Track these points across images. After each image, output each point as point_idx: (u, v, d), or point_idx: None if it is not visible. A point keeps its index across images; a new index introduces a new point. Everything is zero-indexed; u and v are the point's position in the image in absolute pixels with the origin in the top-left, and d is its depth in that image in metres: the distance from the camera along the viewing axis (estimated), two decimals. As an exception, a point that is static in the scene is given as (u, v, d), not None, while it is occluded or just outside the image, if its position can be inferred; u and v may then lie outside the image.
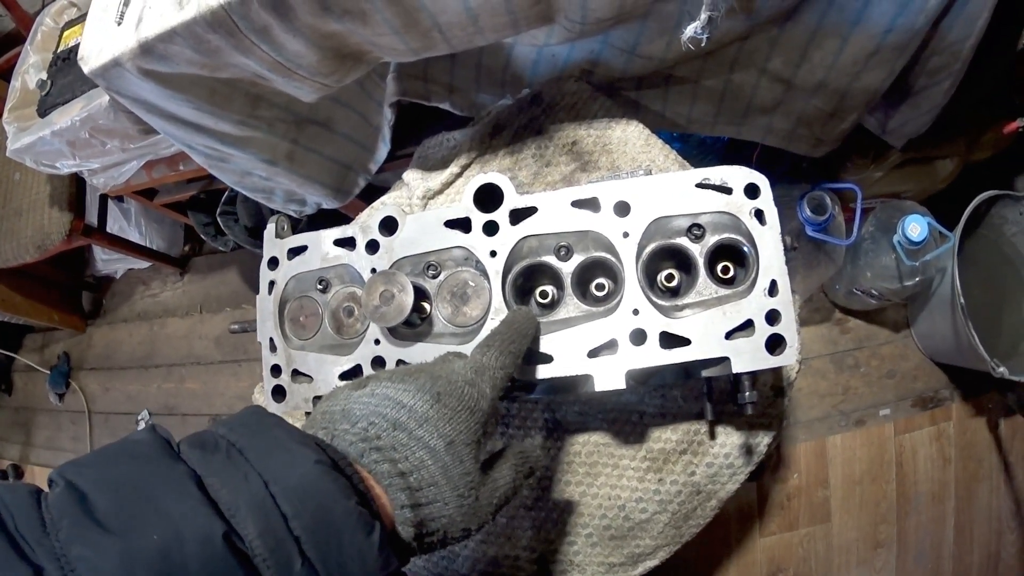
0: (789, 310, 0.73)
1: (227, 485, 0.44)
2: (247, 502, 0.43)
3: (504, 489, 0.63)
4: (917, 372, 2.06)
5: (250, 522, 0.42)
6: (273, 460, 0.47)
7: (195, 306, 2.86)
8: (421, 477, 0.54)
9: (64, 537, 0.38)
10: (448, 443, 0.56)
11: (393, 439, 0.55)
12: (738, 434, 0.93)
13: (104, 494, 0.41)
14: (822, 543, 2.01)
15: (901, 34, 1.06)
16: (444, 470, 0.55)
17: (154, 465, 0.45)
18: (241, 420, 0.53)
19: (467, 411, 0.60)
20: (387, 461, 0.53)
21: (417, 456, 0.55)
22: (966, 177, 1.77)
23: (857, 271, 1.81)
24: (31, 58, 1.79)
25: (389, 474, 0.53)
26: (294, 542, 0.43)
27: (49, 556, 0.38)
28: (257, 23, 0.86)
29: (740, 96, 1.24)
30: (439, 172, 1.16)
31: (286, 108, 1.18)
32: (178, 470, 0.45)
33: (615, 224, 0.78)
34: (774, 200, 0.76)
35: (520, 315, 0.75)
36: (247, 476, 0.45)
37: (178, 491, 0.43)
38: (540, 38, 1.07)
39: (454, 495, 0.55)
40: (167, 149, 1.64)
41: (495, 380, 0.65)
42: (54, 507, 0.41)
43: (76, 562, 0.37)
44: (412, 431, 0.56)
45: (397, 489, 0.52)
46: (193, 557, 0.39)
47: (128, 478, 0.43)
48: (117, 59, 0.94)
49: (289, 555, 0.43)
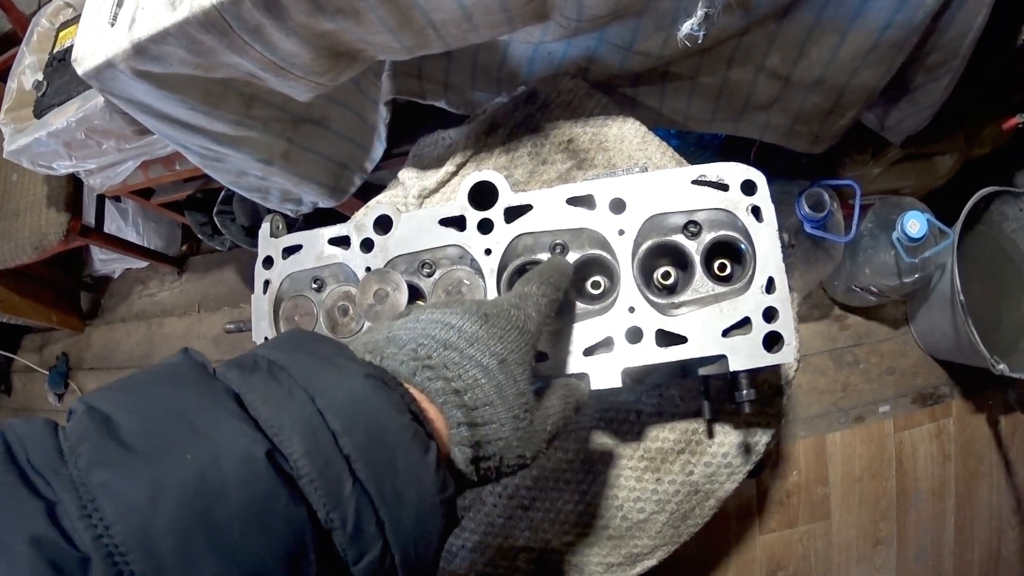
0: (787, 307, 0.72)
1: (269, 402, 0.41)
2: (292, 418, 0.40)
3: (555, 418, 0.61)
4: (917, 369, 2.06)
5: (296, 439, 0.39)
6: (320, 375, 0.44)
7: (193, 305, 2.86)
8: (476, 396, 0.51)
9: (84, 464, 0.34)
10: (500, 361, 0.54)
11: (444, 358, 0.52)
12: (736, 433, 0.92)
13: (130, 415, 0.38)
14: (822, 540, 2.00)
15: (900, 30, 1.06)
16: (498, 389, 0.53)
17: (187, 384, 0.41)
18: (283, 340, 0.50)
19: (516, 331, 0.58)
20: (440, 379, 0.50)
21: (471, 374, 0.52)
22: (965, 173, 1.77)
23: (856, 268, 1.81)
24: (27, 59, 1.80)
25: (443, 391, 0.50)
26: (344, 461, 0.40)
27: (66, 486, 0.34)
28: (250, 23, 0.86)
29: (738, 93, 1.24)
30: (435, 170, 1.16)
31: (281, 107, 1.18)
32: (215, 387, 0.41)
33: (611, 221, 0.78)
34: (772, 197, 0.76)
35: (555, 259, 0.75)
36: (291, 391, 0.42)
37: (214, 409, 0.39)
38: (536, 35, 1.07)
39: (509, 415, 0.53)
40: (163, 149, 1.64)
41: (539, 305, 0.64)
42: (73, 433, 0.37)
43: (97, 490, 0.33)
44: (463, 350, 0.53)
45: (453, 406, 0.50)
46: (232, 479, 0.35)
47: (157, 398, 0.40)
48: (111, 60, 0.94)
49: (339, 475, 0.39)
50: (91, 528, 0.32)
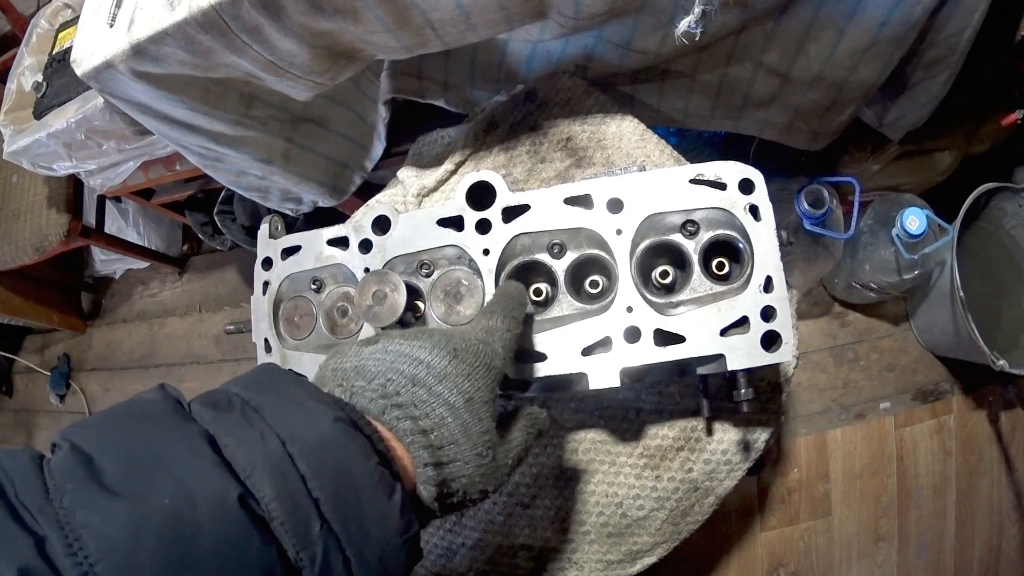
0: (785, 306, 0.72)
1: (242, 445, 0.42)
2: (264, 462, 0.41)
3: (517, 450, 0.63)
4: (917, 365, 2.06)
5: (267, 483, 0.40)
6: (290, 418, 0.45)
7: (194, 305, 2.86)
8: (442, 435, 0.53)
9: (68, 503, 0.36)
10: (467, 400, 0.55)
11: (413, 395, 0.53)
12: (735, 430, 0.92)
13: (111, 456, 0.39)
14: (823, 537, 2.00)
15: (897, 26, 1.06)
16: (464, 428, 0.54)
17: (164, 425, 0.43)
18: (255, 377, 0.51)
19: (484, 367, 0.59)
20: (408, 418, 0.52)
21: (437, 413, 0.53)
22: (965, 170, 1.76)
23: (856, 264, 1.81)
24: (26, 60, 1.80)
25: (411, 431, 0.51)
26: (312, 504, 0.42)
27: (52, 524, 0.35)
28: (248, 23, 0.86)
29: (736, 90, 1.24)
30: (434, 169, 1.16)
31: (280, 107, 1.18)
32: (190, 430, 0.43)
33: (608, 221, 0.78)
34: (771, 194, 0.76)
35: (510, 286, 0.75)
36: (263, 435, 0.43)
37: (190, 452, 0.41)
38: (534, 34, 1.07)
39: (473, 453, 0.54)
40: (163, 149, 1.64)
41: (505, 340, 0.65)
42: (57, 472, 0.38)
43: (80, 529, 0.35)
44: (431, 387, 0.54)
45: (419, 447, 0.51)
46: (206, 521, 0.37)
47: (136, 439, 0.41)
48: (109, 61, 0.94)
49: (308, 518, 0.41)
50: (77, 565, 0.34)
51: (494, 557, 0.99)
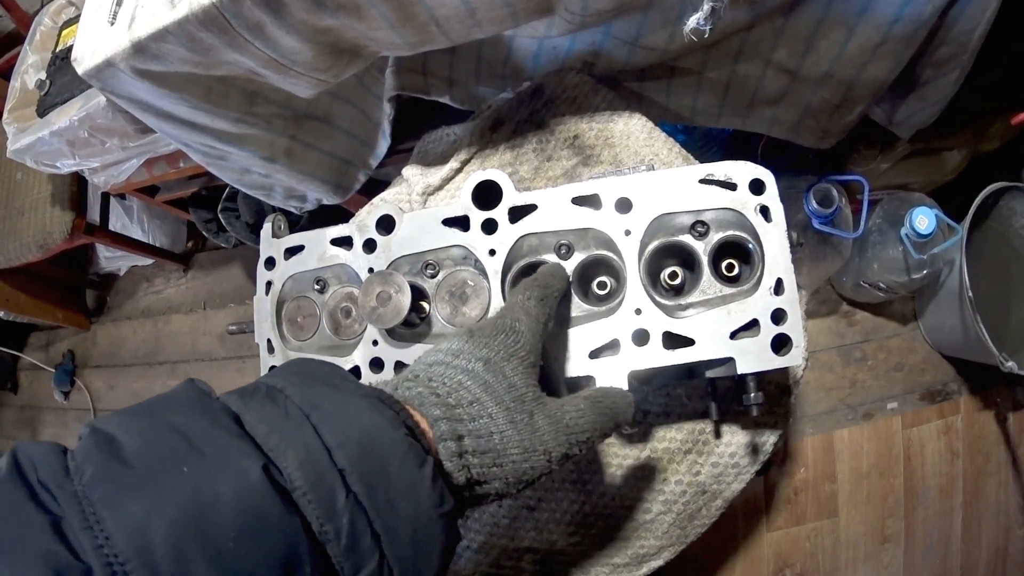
0: (795, 309, 0.71)
1: (265, 421, 0.42)
2: (287, 435, 0.41)
3: (576, 420, 0.57)
4: (925, 365, 2.05)
5: (290, 454, 0.40)
6: (315, 393, 0.45)
7: (199, 302, 2.86)
8: (460, 396, 0.51)
9: (87, 480, 0.36)
10: (485, 362, 0.54)
11: (430, 372, 0.53)
12: (744, 433, 0.91)
13: (132, 436, 0.39)
14: (829, 538, 2.00)
15: (908, 24, 1.04)
16: (485, 386, 0.52)
17: (188, 407, 0.42)
18: (282, 367, 0.51)
19: (502, 334, 0.58)
20: (421, 386, 0.51)
21: (455, 379, 0.52)
22: (974, 168, 1.76)
23: (864, 264, 1.80)
24: (30, 58, 1.80)
25: (423, 396, 0.50)
26: (338, 474, 0.41)
27: (70, 501, 0.35)
28: (250, 20, 0.85)
29: (745, 88, 1.23)
30: (439, 167, 1.15)
31: (284, 104, 1.17)
32: (213, 407, 0.42)
33: (617, 221, 0.76)
34: (780, 192, 0.75)
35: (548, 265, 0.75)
36: (288, 411, 0.43)
37: (212, 427, 0.40)
38: (540, 30, 1.05)
39: (500, 408, 0.51)
40: (166, 147, 1.64)
41: (527, 307, 0.63)
42: (79, 453, 0.38)
43: (99, 504, 0.35)
44: (449, 363, 0.54)
45: (431, 405, 0.49)
46: (227, 491, 0.36)
47: (159, 419, 0.41)
48: (110, 59, 0.93)
49: (332, 488, 0.40)
50: (93, 539, 0.34)
51: (499, 560, 0.98)
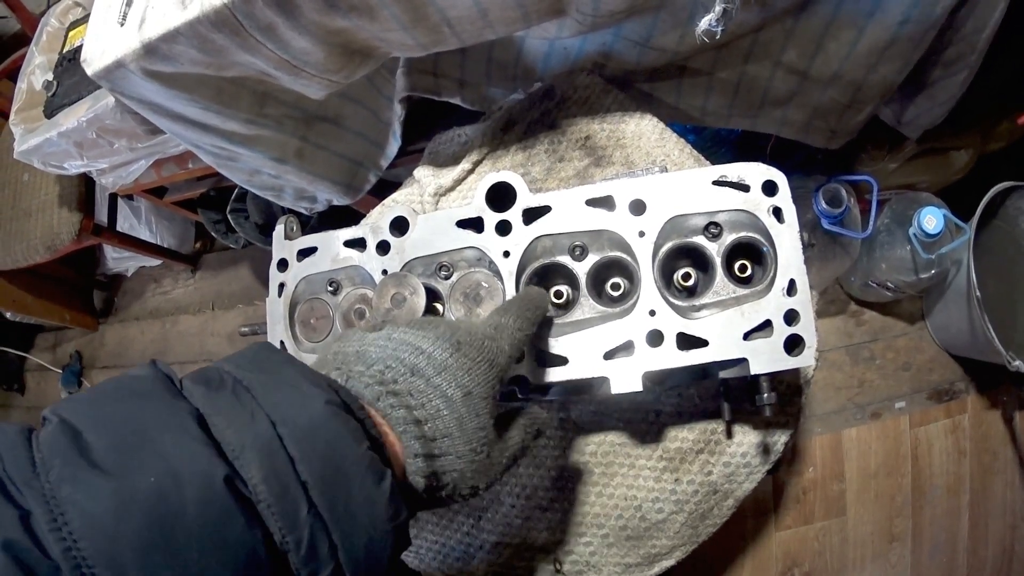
0: (808, 310, 0.71)
1: (232, 425, 0.42)
2: (252, 443, 0.41)
3: (513, 449, 0.62)
4: (932, 365, 2.05)
5: (255, 465, 0.40)
6: (282, 399, 0.45)
7: (207, 303, 2.86)
8: (436, 427, 0.52)
9: (55, 478, 0.36)
10: (465, 394, 0.55)
11: (410, 385, 0.53)
12: (755, 433, 0.92)
13: (99, 432, 0.39)
14: (837, 537, 2.00)
15: (917, 25, 1.05)
16: (459, 422, 0.54)
17: (155, 402, 0.43)
18: (249, 356, 0.51)
19: (486, 363, 0.58)
20: (403, 407, 0.52)
21: (434, 405, 0.53)
22: (982, 168, 1.76)
23: (872, 263, 1.80)
24: (37, 59, 1.80)
25: (404, 420, 0.51)
26: (301, 487, 0.41)
27: (38, 498, 0.36)
28: (262, 21, 0.85)
29: (755, 88, 1.23)
30: (451, 168, 1.15)
31: (294, 105, 1.17)
32: (179, 407, 0.43)
33: (630, 223, 0.77)
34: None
35: (532, 290, 0.75)
36: (254, 415, 0.43)
37: (178, 430, 0.41)
38: (552, 31, 1.06)
39: (467, 449, 0.54)
40: (175, 148, 1.64)
41: (514, 338, 0.64)
42: (45, 446, 0.38)
43: (65, 504, 0.35)
44: (430, 378, 0.54)
45: (411, 437, 0.51)
46: (191, 500, 0.37)
47: (126, 416, 0.41)
48: (120, 60, 0.93)
49: (296, 501, 0.41)
50: (61, 540, 0.34)
51: (511, 560, 0.98)
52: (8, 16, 2.58)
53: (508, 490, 0.98)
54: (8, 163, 2.36)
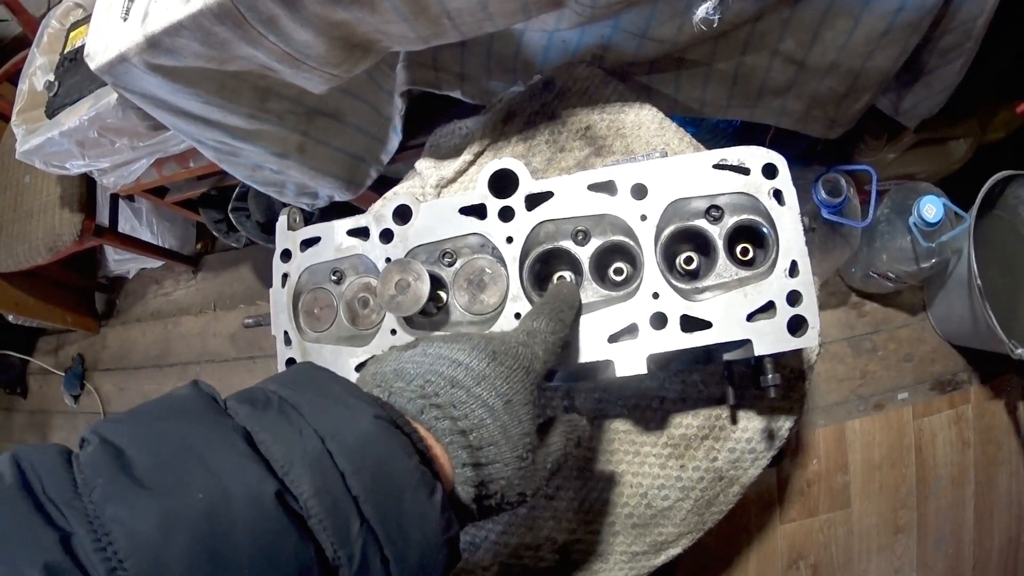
0: (810, 291, 0.72)
1: (280, 441, 0.42)
2: (302, 458, 0.41)
3: (556, 455, 0.63)
4: (935, 355, 2.05)
5: (305, 479, 0.40)
6: (329, 415, 0.45)
7: (209, 304, 2.87)
8: (481, 436, 0.53)
9: (98, 497, 0.36)
10: (506, 402, 0.55)
11: (451, 396, 0.54)
12: (760, 418, 0.92)
13: (143, 450, 0.39)
14: (842, 529, 2.00)
15: (913, 13, 1.06)
16: (503, 430, 0.54)
17: (198, 420, 0.43)
18: (293, 375, 0.51)
19: (523, 370, 0.59)
20: (447, 418, 0.52)
21: (477, 414, 0.53)
22: (981, 157, 1.76)
23: (873, 254, 1.81)
24: (38, 60, 1.81)
25: (450, 431, 0.51)
26: (352, 501, 0.41)
27: (80, 519, 0.35)
28: (264, 13, 0.86)
29: (753, 78, 1.23)
30: (452, 160, 1.16)
31: (296, 100, 1.18)
32: (225, 425, 0.42)
33: (632, 207, 0.77)
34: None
35: (564, 287, 0.76)
36: (302, 432, 0.43)
37: (225, 447, 0.40)
38: (550, 23, 1.06)
39: (513, 456, 0.54)
40: (177, 146, 1.64)
41: (547, 343, 0.64)
42: (87, 466, 0.38)
43: (111, 524, 0.35)
44: (470, 388, 0.54)
45: (458, 447, 0.51)
46: (241, 517, 0.37)
47: (169, 434, 0.41)
48: (124, 54, 0.94)
49: (347, 515, 0.41)
50: (106, 561, 0.34)
51: (518, 550, 0.99)
52: (9, 19, 2.59)
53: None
54: (9, 165, 2.37)
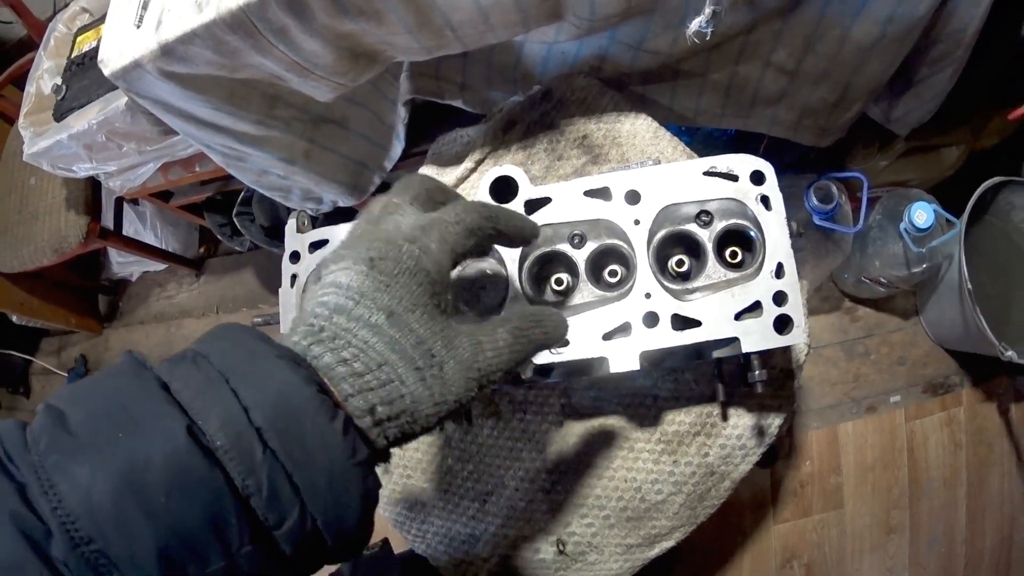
0: (796, 291, 0.75)
1: (189, 387, 0.44)
2: (208, 398, 0.44)
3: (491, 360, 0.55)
4: (927, 359, 2.08)
5: (212, 416, 0.42)
6: (235, 360, 0.46)
7: (211, 307, 2.89)
8: (369, 359, 0.50)
9: (42, 450, 0.40)
10: (389, 314, 0.51)
11: (334, 327, 0.51)
12: (750, 416, 0.95)
13: (77, 407, 0.43)
14: (835, 529, 2.03)
15: (902, 23, 1.08)
16: (391, 344, 0.50)
17: (124, 377, 0.46)
18: (211, 333, 0.51)
19: (405, 274, 0.53)
20: (328, 352, 0.50)
21: (360, 337, 0.50)
22: (974, 164, 1.79)
23: (865, 260, 1.84)
24: (45, 63, 1.83)
25: (329, 367, 0.49)
26: (255, 432, 0.43)
27: (30, 471, 0.39)
28: (275, 24, 0.89)
29: (746, 88, 1.26)
30: (454, 167, 1.19)
31: (302, 108, 1.21)
32: (146, 377, 0.45)
33: (626, 212, 0.80)
34: (782, 190, 0.79)
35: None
36: (208, 376, 0.45)
37: (144, 395, 0.44)
38: (550, 35, 1.09)
39: (410, 369, 0.50)
40: (183, 151, 1.68)
41: (445, 233, 0.57)
42: (35, 427, 0.42)
43: (51, 470, 0.39)
44: (350, 311, 0.51)
45: (340, 379, 0.49)
46: (157, 451, 0.40)
47: (98, 392, 0.44)
48: (138, 61, 0.97)
49: (250, 444, 0.42)
50: (48, 503, 0.38)
51: (516, 542, 1.02)
52: (13, 22, 2.62)
53: (512, 474, 1.02)
54: (14, 167, 2.40)
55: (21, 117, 1.77)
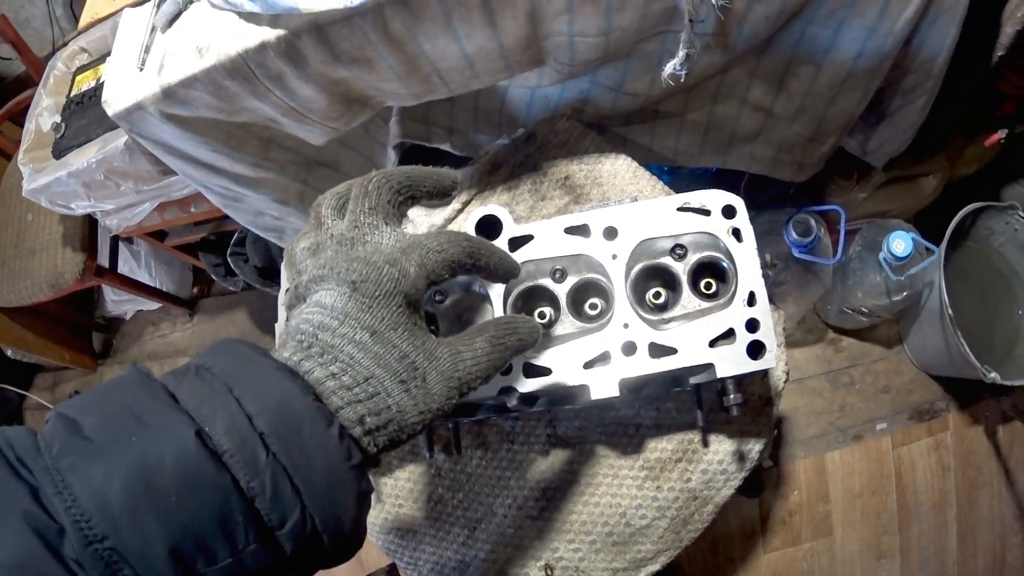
0: (767, 318, 0.78)
1: (195, 396, 0.47)
2: (213, 406, 0.46)
3: (468, 365, 0.60)
4: (912, 386, 2.11)
5: (218, 422, 0.45)
6: (238, 371, 0.49)
7: (205, 346, 2.87)
8: (356, 373, 0.53)
9: (56, 454, 0.43)
10: (372, 333, 0.54)
11: (321, 344, 0.54)
12: (730, 442, 0.98)
13: (89, 414, 0.45)
14: (826, 556, 2.04)
15: (872, 58, 1.12)
16: (377, 359, 0.54)
17: (133, 386, 0.48)
18: (212, 348, 0.54)
19: (384, 296, 0.56)
20: (318, 367, 0.53)
21: (346, 352, 0.53)
22: (954, 192, 1.83)
23: (847, 290, 1.86)
24: (44, 101, 1.86)
25: (321, 380, 0.52)
26: (258, 437, 0.46)
27: (43, 473, 0.42)
28: (272, 70, 0.93)
29: (723, 127, 1.30)
30: (442, 209, 1.22)
31: (296, 151, 1.25)
32: (153, 386, 0.48)
33: (604, 247, 0.84)
34: (763, 225, 0.83)
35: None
36: (213, 386, 0.48)
37: (154, 403, 0.46)
38: (532, 80, 1.14)
39: (395, 382, 0.54)
40: (179, 191, 1.70)
41: (424, 259, 0.60)
42: (47, 433, 0.45)
43: (65, 472, 0.41)
44: (335, 330, 0.54)
45: (330, 392, 0.52)
46: (168, 454, 0.42)
47: (110, 399, 0.47)
48: (140, 103, 1.01)
49: (254, 449, 0.45)
50: (63, 502, 0.41)
51: (505, 569, 1.04)
52: (13, 58, 2.66)
53: (500, 501, 1.05)
54: (11, 202, 2.43)
55: (20, 153, 1.80)
